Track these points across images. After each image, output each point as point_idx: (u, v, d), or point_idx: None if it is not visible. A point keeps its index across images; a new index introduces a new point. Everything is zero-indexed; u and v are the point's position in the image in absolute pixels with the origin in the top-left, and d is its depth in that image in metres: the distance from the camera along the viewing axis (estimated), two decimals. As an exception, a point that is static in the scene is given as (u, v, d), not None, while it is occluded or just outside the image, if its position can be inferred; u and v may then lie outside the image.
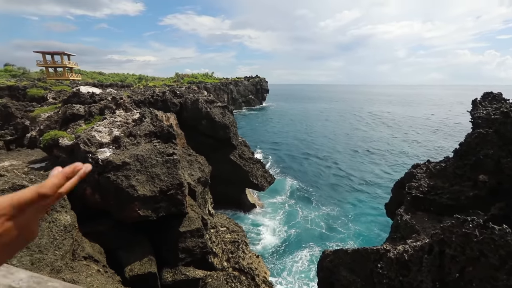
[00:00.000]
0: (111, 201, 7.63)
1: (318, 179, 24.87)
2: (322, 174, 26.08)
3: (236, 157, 18.61)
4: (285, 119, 55.08)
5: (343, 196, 21.74)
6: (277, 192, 21.94)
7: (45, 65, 30.98)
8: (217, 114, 16.81)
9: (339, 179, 25.06)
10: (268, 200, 20.92)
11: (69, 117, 10.03)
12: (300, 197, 21.52)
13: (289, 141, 36.35)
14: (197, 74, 52.44)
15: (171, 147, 7.99)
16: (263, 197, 21.21)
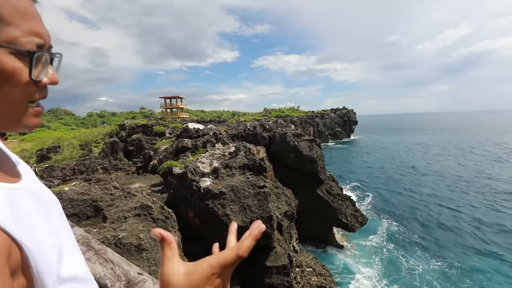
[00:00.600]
0: (208, 226, 8.37)
1: (426, 222, 20.38)
2: (432, 216, 21.27)
3: (324, 192, 17.74)
4: (377, 152, 49.95)
5: (467, 249, 16.54)
6: (370, 232, 19.04)
7: (165, 107, 39.58)
8: (304, 148, 16.80)
9: (458, 223, 19.50)
10: (359, 241, 18.39)
11: (180, 149, 11.98)
12: (402, 242, 17.87)
13: (383, 177, 32.35)
14: (284, 108, 55.01)
15: (262, 180, 8.33)
16: (353, 237, 18.69)
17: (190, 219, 8.85)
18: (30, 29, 0.45)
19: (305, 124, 50.34)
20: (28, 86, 0.46)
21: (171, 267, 0.44)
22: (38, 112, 0.50)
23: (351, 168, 36.93)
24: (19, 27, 0.43)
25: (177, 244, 5.72)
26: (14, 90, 0.44)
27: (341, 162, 40.27)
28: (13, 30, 0.42)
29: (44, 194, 0.62)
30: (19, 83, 0.44)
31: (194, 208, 8.51)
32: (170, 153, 12.30)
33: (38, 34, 0.46)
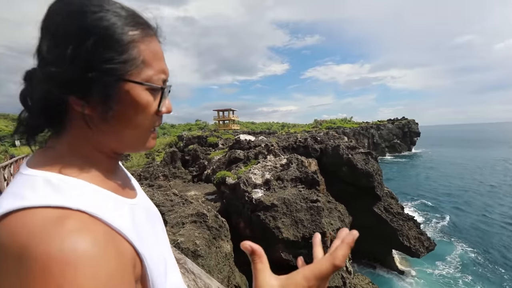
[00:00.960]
0: (258, 238, 8.37)
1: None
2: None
3: (381, 210, 16.28)
4: (445, 168, 43.97)
5: None
6: (437, 258, 16.19)
7: (218, 119, 42.10)
8: (359, 161, 15.81)
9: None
10: (424, 268, 15.89)
11: (232, 160, 12.41)
12: (482, 275, 14.71)
13: (453, 196, 28.18)
14: (335, 119, 53.04)
15: (315, 194, 8.06)
16: (416, 262, 16.11)
17: (241, 229, 8.99)
18: (160, 67, 0.52)
19: (358, 135, 47.61)
20: (154, 116, 0.53)
21: (263, 281, 0.44)
22: (155, 136, 0.57)
23: (413, 185, 33.25)
24: (153, 67, 0.50)
25: (229, 253, 5.84)
26: (145, 120, 0.51)
27: (401, 178, 36.56)
28: (149, 70, 0.49)
29: (151, 208, 0.67)
30: (150, 114, 0.51)
31: (245, 218, 8.63)
32: (223, 163, 12.83)
33: (164, 71, 0.53)
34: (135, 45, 0.48)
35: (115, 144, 0.52)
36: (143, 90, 0.49)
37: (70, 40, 0.44)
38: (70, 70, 0.44)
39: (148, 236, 0.52)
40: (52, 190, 0.41)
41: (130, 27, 0.48)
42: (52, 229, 0.34)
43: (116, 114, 0.47)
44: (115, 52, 0.45)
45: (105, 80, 0.45)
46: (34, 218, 0.35)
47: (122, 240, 0.42)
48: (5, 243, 0.33)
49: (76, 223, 0.37)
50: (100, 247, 0.36)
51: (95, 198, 0.45)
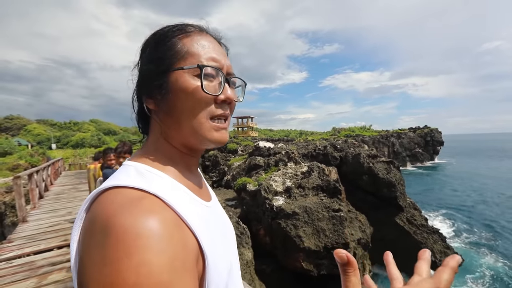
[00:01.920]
0: (278, 246, 8.32)
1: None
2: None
3: (404, 222, 15.68)
4: (472, 180, 41.64)
5: None
6: (466, 272, 15.51)
7: (237, 126, 42.85)
8: (380, 170, 15.41)
9: None
10: (453, 283, 15.06)
11: (252, 166, 12.48)
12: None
13: (482, 209, 26.66)
14: (354, 127, 52.02)
15: (337, 203, 7.94)
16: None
17: (260, 236, 8.98)
18: (208, 56, 0.55)
19: (378, 144, 46.32)
20: (206, 102, 0.54)
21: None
22: (218, 127, 0.57)
23: (437, 197, 31.76)
24: (200, 55, 0.55)
25: (250, 260, 5.83)
26: (197, 105, 0.54)
27: (424, 189, 35.06)
28: (194, 59, 0.54)
29: (224, 217, 0.69)
30: (200, 99, 0.54)
31: (265, 226, 8.62)
32: (242, 169, 12.94)
33: (214, 59, 0.56)
34: (180, 41, 0.55)
35: (179, 136, 0.57)
36: (190, 76, 0.53)
37: (142, 55, 0.59)
38: (139, 74, 0.58)
39: (217, 240, 0.53)
40: (139, 176, 0.49)
41: (177, 30, 0.56)
42: (130, 206, 0.40)
43: (172, 103, 0.54)
44: (164, 50, 0.54)
45: (157, 72, 0.54)
46: (121, 195, 0.43)
47: (188, 232, 0.45)
48: (95, 215, 0.40)
49: (149, 204, 0.42)
50: (168, 229, 0.39)
51: (171, 189, 0.50)
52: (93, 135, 51.37)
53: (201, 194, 0.60)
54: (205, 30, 0.61)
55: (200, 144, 0.58)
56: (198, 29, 0.59)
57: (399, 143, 55.81)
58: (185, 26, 0.58)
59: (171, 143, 0.58)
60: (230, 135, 42.77)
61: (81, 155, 31.21)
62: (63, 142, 49.55)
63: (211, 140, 0.56)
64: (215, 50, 0.57)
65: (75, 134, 53.48)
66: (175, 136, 0.57)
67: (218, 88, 0.56)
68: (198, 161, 0.69)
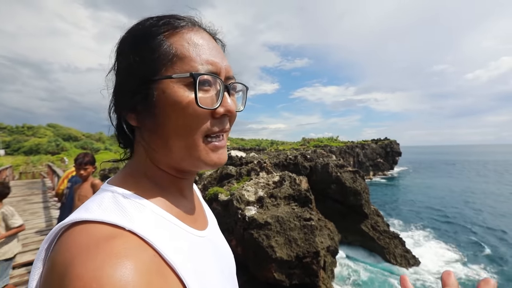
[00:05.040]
0: (250, 257, 8.23)
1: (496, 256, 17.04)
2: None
3: (369, 228, 16.50)
4: (427, 187, 45.57)
5: None
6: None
7: (208, 134, 42.33)
8: (347, 179, 16.15)
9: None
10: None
11: (224, 176, 12.35)
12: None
13: (435, 214, 29.06)
14: (322, 138, 54.25)
15: (308, 212, 8.12)
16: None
17: (232, 247, 8.81)
18: (202, 58, 0.44)
19: (344, 154, 48.64)
20: (202, 118, 0.44)
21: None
22: (216, 147, 0.47)
23: (396, 203, 34.01)
24: (191, 58, 0.44)
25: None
26: (189, 124, 0.44)
27: (386, 197, 37.37)
28: (185, 63, 0.43)
29: (222, 245, 0.61)
30: (193, 116, 0.43)
31: (237, 236, 8.51)
32: (214, 179, 12.73)
33: (210, 62, 0.45)
34: (166, 40, 0.44)
35: (167, 158, 0.47)
36: (180, 86, 0.43)
37: (118, 57, 0.48)
38: (116, 82, 0.47)
39: (209, 274, 0.46)
40: (114, 206, 0.40)
41: (163, 25, 0.45)
42: (95, 250, 0.32)
43: (159, 120, 0.44)
44: (146, 52, 0.43)
45: (138, 82, 0.43)
46: (86, 234, 0.35)
47: (169, 272, 0.38)
48: (53, 262, 0.33)
49: (121, 245, 0.34)
50: (143, 277, 0.32)
51: (155, 221, 0.42)
52: (51, 141, 46.92)
53: (194, 222, 0.52)
54: (197, 23, 0.49)
55: (194, 168, 0.49)
56: (190, 22, 0.48)
57: (363, 153, 59.29)
58: (172, 20, 0.46)
59: (158, 166, 0.49)
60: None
61: (34, 163, 28.30)
62: (13, 148, 44.58)
63: (208, 163, 0.47)
64: (211, 50, 0.46)
65: (29, 139, 48.51)
66: (163, 159, 0.47)
67: (216, 99, 0.45)
68: (193, 182, 0.59)
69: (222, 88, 0.46)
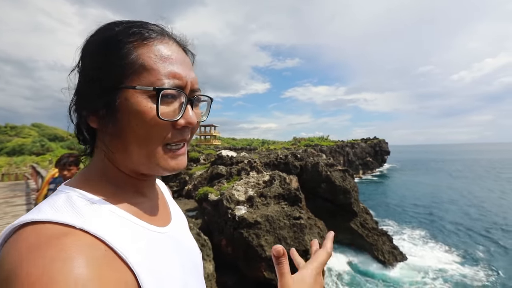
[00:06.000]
0: (240, 256, 8.24)
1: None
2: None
3: (358, 226, 16.77)
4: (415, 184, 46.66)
5: None
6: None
7: (200, 134, 42.07)
8: (337, 178, 16.35)
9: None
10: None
11: (215, 175, 12.31)
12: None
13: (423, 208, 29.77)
14: (313, 137, 54.74)
15: (297, 211, 8.19)
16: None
17: (222, 247, 8.81)
18: (167, 71, 0.46)
19: (334, 153, 49.20)
20: (162, 127, 0.46)
21: (290, 279, 0.50)
22: (175, 154, 0.49)
23: (385, 200, 34.69)
24: (158, 71, 0.45)
25: (211, 273, 5.65)
26: (149, 133, 0.45)
27: (374, 194, 38.07)
28: (151, 75, 0.45)
29: (186, 242, 0.61)
30: (154, 126, 0.45)
31: (227, 236, 8.51)
32: (204, 179, 12.67)
33: (176, 76, 0.46)
34: (134, 50, 0.45)
35: (127, 162, 0.48)
36: (143, 97, 0.44)
37: (81, 62, 0.49)
38: (79, 84, 0.48)
39: (167, 269, 0.47)
40: (68, 206, 0.40)
41: (132, 35, 0.46)
42: (45, 248, 0.33)
43: (120, 125, 0.45)
44: (112, 60, 0.45)
45: (102, 89, 0.45)
46: (36, 233, 0.35)
47: (123, 266, 0.38)
48: (1, 261, 0.33)
49: (72, 243, 0.35)
50: (91, 268, 0.33)
51: (109, 219, 0.42)
52: (35, 141, 45.52)
53: (153, 219, 0.53)
54: (167, 34, 0.51)
55: (152, 172, 0.50)
56: (159, 33, 0.49)
57: (353, 152, 60.13)
58: (142, 29, 0.47)
59: (117, 167, 0.50)
60: (192, 143, 41.81)
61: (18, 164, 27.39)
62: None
63: (166, 169, 0.48)
64: (178, 63, 0.48)
65: (12, 139, 46.93)
66: (122, 162, 0.49)
67: (178, 111, 0.47)
68: (154, 182, 0.60)
69: (185, 101, 0.48)
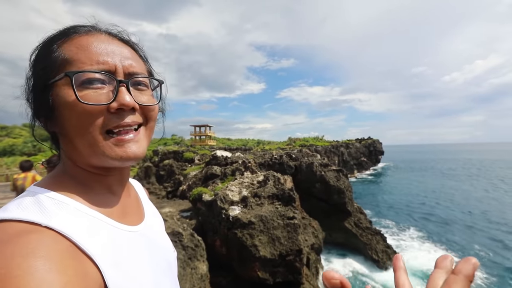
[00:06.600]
0: (234, 256, 8.25)
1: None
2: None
3: (352, 225, 16.90)
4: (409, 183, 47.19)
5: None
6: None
7: (195, 134, 41.91)
8: (331, 178, 16.46)
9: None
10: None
11: (209, 176, 12.28)
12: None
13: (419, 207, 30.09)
14: (308, 137, 54.96)
15: (291, 211, 8.23)
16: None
17: (217, 247, 8.81)
18: (91, 59, 0.45)
19: (329, 153, 49.47)
20: (95, 114, 0.45)
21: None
22: (119, 140, 0.47)
23: (380, 200, 35.01)
24: (81, 60, 0.45)
25: (205, 273, 5.65)
26: (81, 120, 0.45)
27: (369, 194, 38.39)
28: (74, 66, 0.45)
29: (158, 240, 0.62)
30: (83, 113, 0.44)
31: (221, 236, 8.50)
32: (199, 179, 12.63)
33: (100, 61, 0.46)
34: (58, 48, 0.46)
35: (79, 157, 0.49)
36: (67, 87, 0.44)
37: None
38: (27, 98, 0.49)
39: (136, 266, 0.48)
40: (34, 205, 0.41)
41: (59, 35, 0.47)
42: (7, 243, 0.33)
43: (60, 122, 0.47)
44: (41, 61, 0.46)
45: (38, 91, 0.46)
46: (1, 231, 0.36)
47: (86, 260, 0.39)
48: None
49: (36, 239, 0.35)
50: (53, 261, 0.34)
51: (74, 217, 0.43)
52: (27, 142, 44.80)
53: (122, 217, 0.53)
54: (98, 29, 0.51)
55: (104, 163, 0.49)
56: (89, 29, 0.49)
57: (347, 152, 60.53)
58: (71, 28, 0.48)
59: (77, 165, 0.50)
60: (187, 143, 41.47)
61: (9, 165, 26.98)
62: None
63: (113, 157, 0.47)
64: (103, 50, 0.47)
65: (2, 139, 46.12)
66: (76, 157, 0.49)
67: (112, 95, 0.46)
68: (124, 179, 0.59)
69: (116, 84, 0.47)
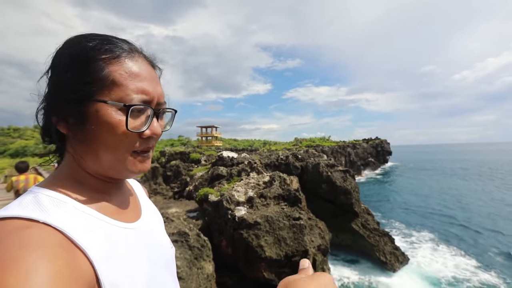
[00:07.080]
0: (240, 257, 8.28)
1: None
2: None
3: (359, 226, 16.73)
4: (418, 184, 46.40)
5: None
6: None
7: (201, 135, 42.22)
8: (338, 179, 16.35)
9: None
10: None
11: (215, 176, 12.35)
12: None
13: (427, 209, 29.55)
14: (315, 138, 54.70)
15: (297, 211, 8.21)
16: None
17: (223, 247, 8.86)
18: (136, 88, 0.50)
19: (336, 154, 49.09)
20: (130, 137, 0.51)
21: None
22: (142, 159, 0.54)
23: (388, 201, 34.53)
24: (127, 87, 0.49)
25: (211, 273, 5.68)
26: (119, 140, 0.50)
27: (376, 195, 37.91)
28: (121, 91, 0.49)
29: (156, 238, 0.63)
30: (123, 136, 0.49)
31: (227, 236, 8.55)
32: (205, 180, 12.72)
33: (144, 91, 0.51)
34: (106, 66, 0.48)
35: (96, 166, 0.52)
36: (113, 110, 0.48)
37: (51, 71, 0.51)
38: (50, 91, 0.51)
39: (131, 262, 0.49)
40: (34, 204, 0.43)
41: (104, 51, 0.49)
42: (6, 238, 0.36)
43: (90, 134, 0.49)
44: (85, 74, 0.48)
45: (74, 99, 0.48)
46: (1, 227, 0.38)
47: (80, 255, 0.41)
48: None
49: (33, 233, 0.38)
50: (45, 255, 0.35)
51: (72, 215, 0.45)
52: (38, 143, 45.89)
53: (119, 215, 0.56)
54: (137, 50, 0.55)
55: (120, 176, 0.55)
56: (129, 50, 0.53)
57: (354, 153, 59.93)
58: (113, 46, 0.51)
59: (85, 170, 0.53)
60: (193, 144, 41.80)
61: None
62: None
63: (135, 172, 0.54)
64: (146, 79, 0.52)
65: (15, 141, 47.31)
66: (91, 166, 0.52)
67: (145, 123, 0.52)
68: (122, 184, 0.64)
69: (151, 114, 0.53)
